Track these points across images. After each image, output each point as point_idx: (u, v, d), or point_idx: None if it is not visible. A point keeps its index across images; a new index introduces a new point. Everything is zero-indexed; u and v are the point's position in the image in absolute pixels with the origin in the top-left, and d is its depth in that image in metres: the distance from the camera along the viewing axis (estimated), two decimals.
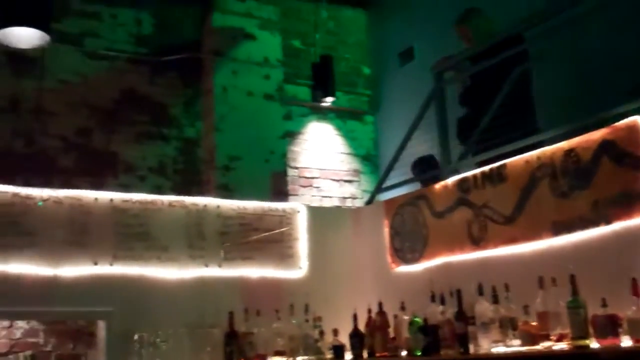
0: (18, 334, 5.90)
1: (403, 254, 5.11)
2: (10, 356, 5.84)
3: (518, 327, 3.79)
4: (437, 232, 4.83)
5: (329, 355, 4.83)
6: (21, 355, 5.87)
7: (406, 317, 4.52)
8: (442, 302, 4.24)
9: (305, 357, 4.91)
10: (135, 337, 4.55)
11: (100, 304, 4.64)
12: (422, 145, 6.02)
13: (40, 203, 4.47)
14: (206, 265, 5.02)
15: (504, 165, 4.34)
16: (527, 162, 4.17)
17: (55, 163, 5.91)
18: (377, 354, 4.61)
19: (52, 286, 4.50)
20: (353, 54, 8.04)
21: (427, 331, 4.18)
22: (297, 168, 7.24)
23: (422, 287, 4.52)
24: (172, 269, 4.90)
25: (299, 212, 5.50)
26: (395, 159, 5.67)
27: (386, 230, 5.28)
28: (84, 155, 6.03)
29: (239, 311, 4.86)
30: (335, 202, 7.49)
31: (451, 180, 4.76)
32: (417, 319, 4.34)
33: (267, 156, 6.75)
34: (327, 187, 7.46)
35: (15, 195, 4.48)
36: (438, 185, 4.88)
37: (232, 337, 4.76)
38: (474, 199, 4.52)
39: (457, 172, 4.84)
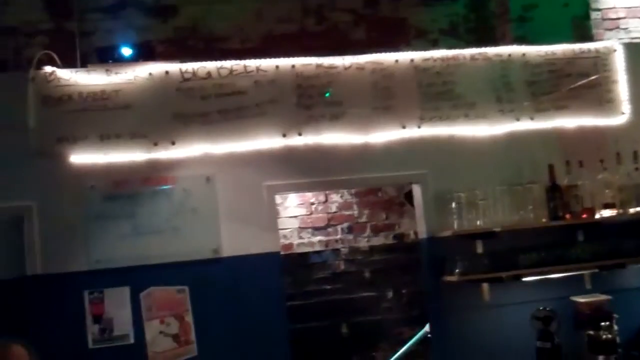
0: (334, 207, 6.09)
1: None
2: (329, 229, 6.07)
3: None
4: None
5: None
6: (339, 227, 6.08)
7: None
8: None
9: (638, 209, 4.45)
10: (453, 197, 4.40)
11: (412, 167, 4.57)
12: None
13: (327, 94, 4.40)
14: (517, 119, 4.68)
15: None
16: None
17: (347, 37, 5.84)
18: None
19: (363, 153, 4.49)
20: None
21: None
22: (599, 10, 6.44)
23: None
24: (481, 125, 4.63)
25: (615, 51, 4.88)
26: None
27: None
28: (374, 26, 5.88)
29: (559, 164, 4.50)
30: None
31: None
32: None
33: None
34: (637, 27, 6.56)
35: (319, 66, 4.47)
36: None
37: (554, 191, 4.43)
38: None
39: None
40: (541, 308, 3.89)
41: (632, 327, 4.49)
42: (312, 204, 6.05)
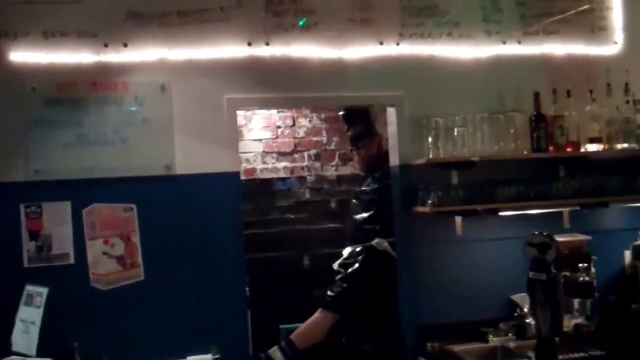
0: (301, 132, 5.79)
1: None
2: (295, 155, 5.76)
3: None
4: None
5: None
6: (305, 153, 5.77)
7: None
8: None
9: (625, 145, 4.17)
10: (429, 123, 4.06)
11: (388, 88, 4.19)
12: None
13: (302, 22, 3.99)
14: (503, 42, 4.32)
15: None
16: None
17: None
18: None
19: (336, 70, 4.10)
20: None
21: None
22: None
23: None
24: (465, 47, 4.26)
25: None
26: None
27: None
28: None
29: (545, 93, 4.18)
30: None
31: None
32: None
33: None
34: None
35: None
36: None
37: (539, 121, 4.12)
38: None
39: None
40: (537, 233, 3.57)
41: (610, 270, 4.27)
42: (279, 127, 5.74)
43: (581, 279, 4.02)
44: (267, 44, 3.98)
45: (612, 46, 4.48)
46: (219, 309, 3.88)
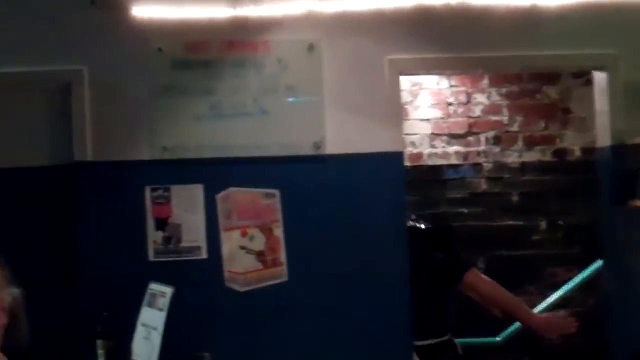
0: (477, 111, 5.04)
1: None
2: (470, 137, 5.02)
3: None
4: None
5: None
6: (482, 136, 5.01)
7: None
8: None
9: None
10: None
11: (595, 45, 3.36)
12: None
13: None
14: None
15: None
16: None
17: None
18: None
19: (528, 21, 3.31)
20: None
21: None
22: None
23: None
24: None
25: None
26: None
27: None
28: None
29: None
30: None
31: None
32: None
33: None
34: None
35: None
36: None
37: None
38: None
39: None
40: None
41: None
42: (450, 104, 5.03)
43: None
44: None
45: None
46: (377, 319, 3.28)
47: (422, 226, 3.62)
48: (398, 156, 3.36)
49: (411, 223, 3.56)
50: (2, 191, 3.21)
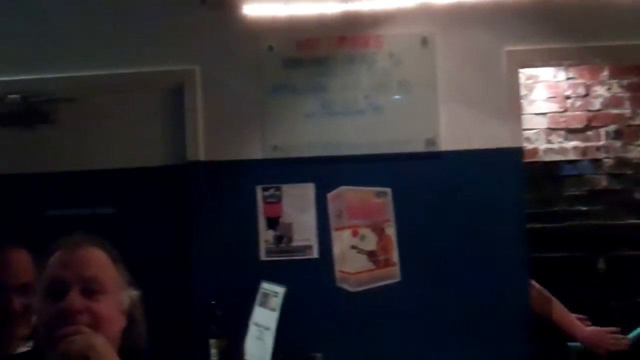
0: (597, 104, 4.83)
1: None
2: (589, 132, 4.81)
3: None
4: None
5: None
6: (602, 130, 4.78)
7: None
8: None
9: None
10: None
11: None
12: None
13: None
14: None
15: None
16: None
17: None
18: None
19: None
20: None
21: None
22: None
23: None
24: None
25: None
26: None
27: None
28: None
29: None
30: None
31: None
32: None
33: None
34: None
35: None
36: None
37: None
38: None
39: None
40: None
41: None
42: (568, 97, 4.83)
43: None
44: None
45: None
46: (492, 321, 3.14)
47: None
48: (517, 152, 3.23)
49: None
50: (117, 192, 3.28)
